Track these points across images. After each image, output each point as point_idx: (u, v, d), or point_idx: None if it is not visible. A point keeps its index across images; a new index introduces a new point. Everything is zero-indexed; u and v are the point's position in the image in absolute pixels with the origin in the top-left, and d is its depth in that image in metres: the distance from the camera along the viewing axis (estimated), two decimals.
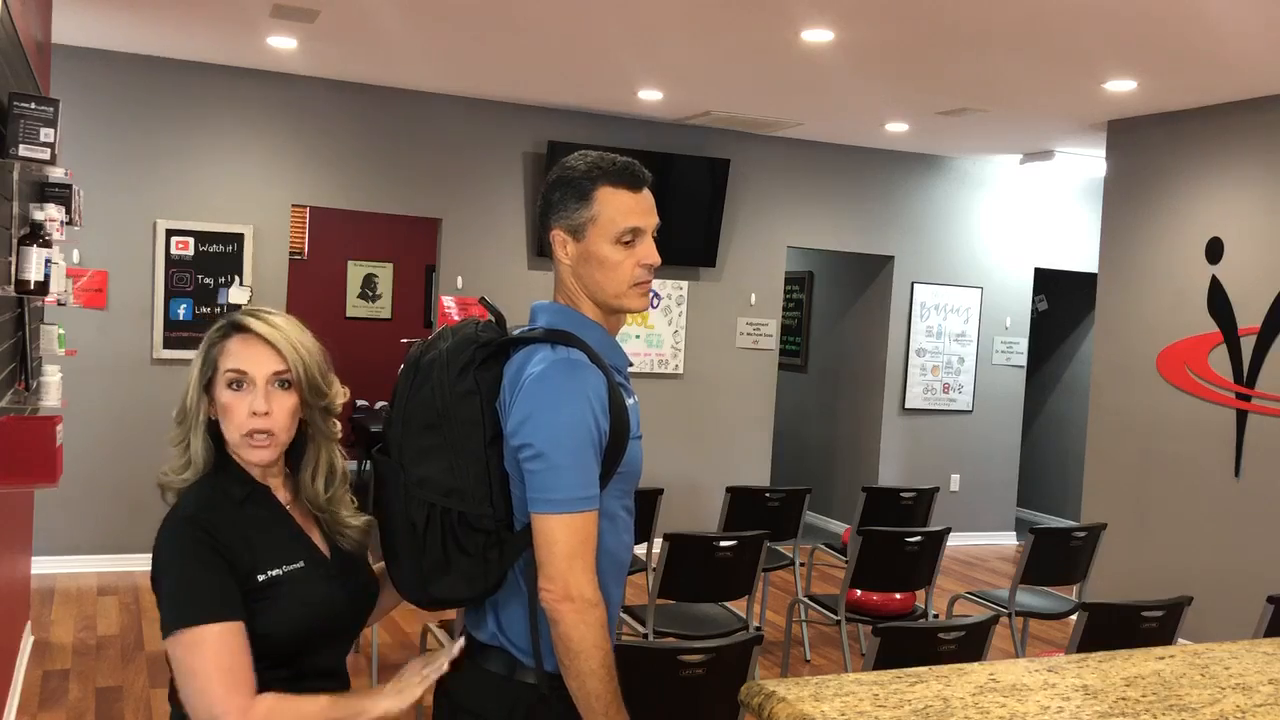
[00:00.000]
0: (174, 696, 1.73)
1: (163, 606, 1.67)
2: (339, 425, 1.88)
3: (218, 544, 1.68)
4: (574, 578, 1.76)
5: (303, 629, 1.74)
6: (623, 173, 1.91)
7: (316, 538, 1.85)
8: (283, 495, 1.83)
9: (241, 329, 1.77)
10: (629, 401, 1.91)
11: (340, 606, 1.82)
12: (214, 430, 1.78)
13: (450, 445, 1.80)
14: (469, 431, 1.81)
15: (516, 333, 1.92)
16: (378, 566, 1.95)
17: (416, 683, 1.81)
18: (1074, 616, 4.78)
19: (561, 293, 1.96)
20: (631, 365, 2.04)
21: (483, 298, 1.99)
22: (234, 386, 1.74)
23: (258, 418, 1.74)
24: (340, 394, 1.84)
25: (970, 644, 3.34)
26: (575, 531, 1.77)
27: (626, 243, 1.89)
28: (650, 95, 6.88)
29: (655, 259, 1.92)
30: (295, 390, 1.77)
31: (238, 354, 1.75)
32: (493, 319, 1.93)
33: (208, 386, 1.76)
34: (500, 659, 1.88)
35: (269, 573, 1.71)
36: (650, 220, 1.92)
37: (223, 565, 1.67)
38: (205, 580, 1.66)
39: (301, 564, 1.76)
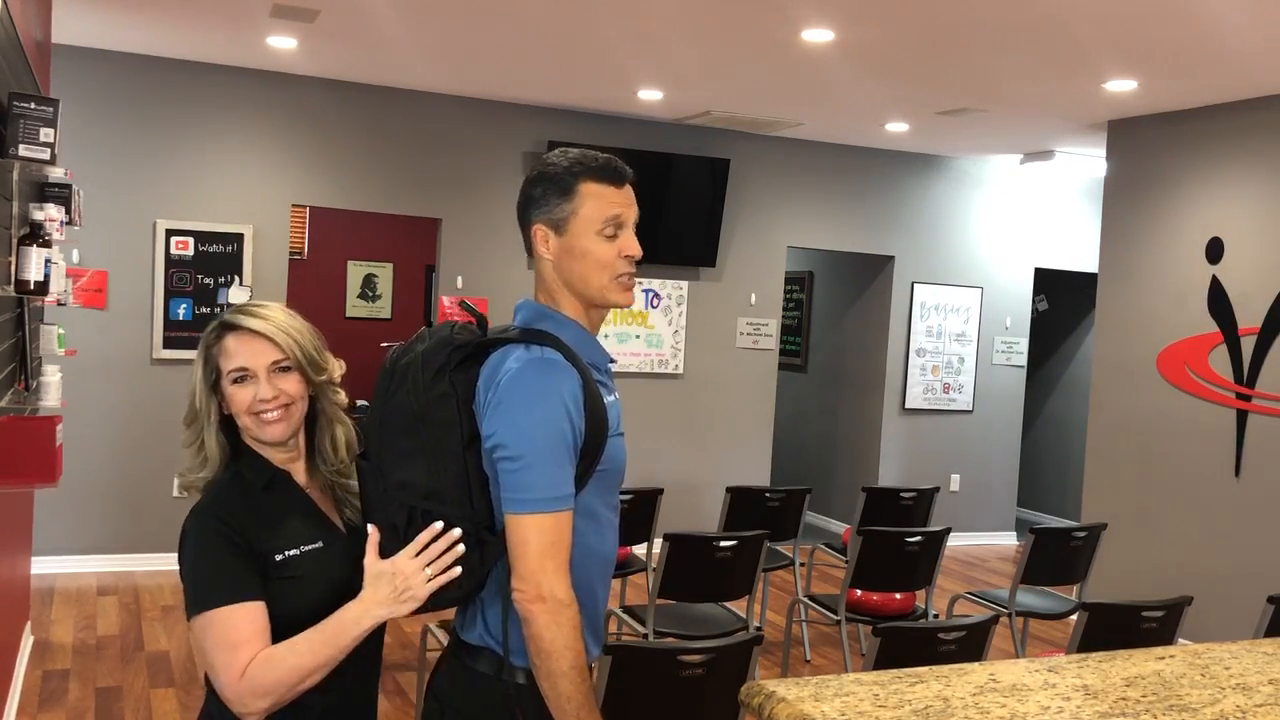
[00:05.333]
0: (208, 679, 1.82)
1: (184, 594, 1.78)
2: (343, 394, 1.97)
3: (232, 531, 1.77)
4: (546, 578, 1.76)
5: (326, 603, 1.78)
6: (605, 168, 1.92)
7: (337, 518, 1.92)
8: (302, 479, 1.91)
9: (233, 328, 1.85)
10: (608, 399, 1.90)
11: (361, 584, 1.83)
12: (230, 425, 1.88)
13: (428, 448, 1.80)
14: (446, 434, 1.81)
15: (492, 334, 1.92)
16: None
17: (422, 582, 1.74)
18: (1074, 616, 4.78)
19: (543, 290, 1.96)
20: (614, 362, 2.03)
21: (463, 300, 2.01)
22: (239, 382, 1.84)
23: (264, 403, 1.84)
24: (336, 366, 1.95)
25: (970, 644, 3.34)
26: (547, 531, 1.77)
27: (609, 236, 1.90)
28: (650, 95, 6.88)
29: (637, 250, 1.93)
30: (296, 371, 1.87)
31: (236, 352, 1.84)
32: (473, 321, 1.94)
33: (215, 386, 1.86)
34: (488, 659, 1.87)
35: (286, 553, 1.80)
36: (631, 213, 1.94)
37: (236, 551, 1.76)
38: (216, 567, 1.75)
39: (320, 544, 1.84)
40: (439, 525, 1.77)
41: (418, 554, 1.76)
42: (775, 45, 5.43)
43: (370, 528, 1.80)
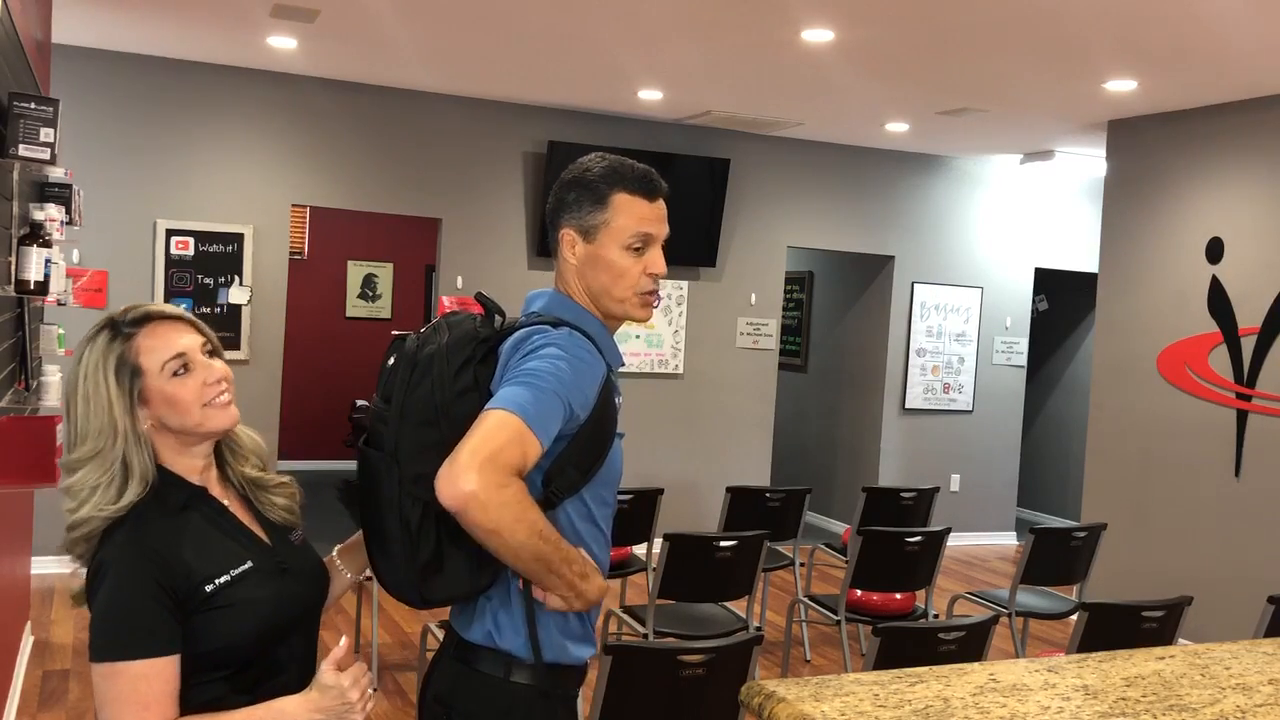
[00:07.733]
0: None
1: (92, 630, 1.62)
2: None
3: (158, 569, 1.62)
4: (469, 474, 1.63)
5: (263, 627, 1.71)
6: (641, 180, 1.92)
7: (257, 529, 1.80)
8: (217, 491, 1.78)
9: (144, 321, 1.71)
10: (617, 400, 1.91)
11: (296, 596, 1.78)
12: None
13: (448, 442, 1.75)
14: (466, 430, 1.79)
15: (514, 323, 1.90)
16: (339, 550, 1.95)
17: (359, 709, 1.67)
18: (1074, 616, 4.78)
19: (563, 290, 1.96)
20: (623, 365, 2.04)
21: (479, 293, 1.95)
22: (179, 373, 1.69)
23: (217, 384, 1.72)
24: None
25: (970, 644, 3.34)
26: (510, 429, 1.67)
27: (636, 250, 1.90)
28: (650, 95, 6.88)
29: (662, 268, 1.93)
30: (217, 354, 1.77)
31: (163, 343, 1.70)
32: (489, 314, 1.91)
33: (139, 395, 1.68)
34: (494, 660, 1.86)
35: (217, 581, 1.67)
36: (661, 230, 1.94)
37: (158, 594, 1.61)
38: (134, 613, 1.60)
39: (249, 564, 1.72)
40: (345, 642, 1.70)
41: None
42: (775, 45, 5.43)
43: (343, 640, 1.70)
